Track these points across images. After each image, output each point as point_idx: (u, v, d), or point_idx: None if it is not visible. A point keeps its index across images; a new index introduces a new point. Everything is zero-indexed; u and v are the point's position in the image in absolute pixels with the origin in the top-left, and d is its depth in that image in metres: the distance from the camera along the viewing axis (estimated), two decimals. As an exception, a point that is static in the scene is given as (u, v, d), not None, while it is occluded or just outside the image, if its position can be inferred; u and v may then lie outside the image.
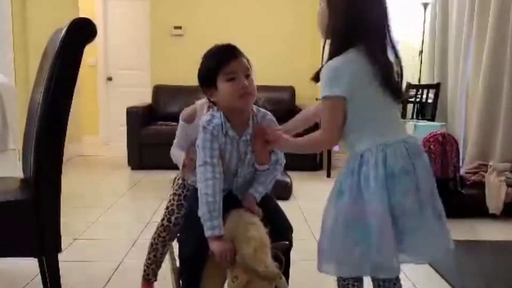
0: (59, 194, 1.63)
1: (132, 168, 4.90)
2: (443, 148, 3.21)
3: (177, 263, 1.78)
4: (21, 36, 4.35)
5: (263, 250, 1.35)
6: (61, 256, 1.57)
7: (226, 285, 1.41)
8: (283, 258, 1.40)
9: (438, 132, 3.33)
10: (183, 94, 5.04)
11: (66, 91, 1.65)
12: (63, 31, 1.65)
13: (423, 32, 4.71)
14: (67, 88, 1.65)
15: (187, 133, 1.68)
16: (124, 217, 3.32)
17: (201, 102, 1.70)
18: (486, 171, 3.35)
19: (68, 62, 1.63)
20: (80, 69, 1.68)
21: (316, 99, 5.05)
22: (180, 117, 1.72)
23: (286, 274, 1.51)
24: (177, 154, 1.73)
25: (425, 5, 4.68)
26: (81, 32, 1.62)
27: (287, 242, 1.46)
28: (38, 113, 1.61)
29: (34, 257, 1.65)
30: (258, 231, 1.38)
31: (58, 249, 1.59)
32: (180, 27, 5.43)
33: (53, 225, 1.58)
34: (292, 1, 5.43)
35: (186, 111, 1.71)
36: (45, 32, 2.19)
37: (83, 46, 1.66)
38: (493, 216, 3.15)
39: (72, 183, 4.06)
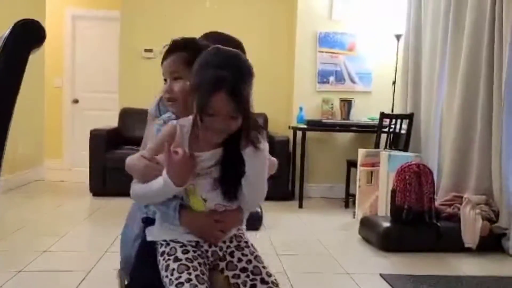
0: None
1: (94, 195, 4.63)
2: (418, 179, 3.12)
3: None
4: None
5: None
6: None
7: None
8: None
9: (413, 162, 3.25)
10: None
11: (7, 101, 1.46)
12: (4, 36, 1.47)
13: (396, 62, 4.71)
14: (8, 99, 1.47)
15: None
16: (79, 246, 3.05)
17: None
18: (461, 203, 3.26)
19: (9, 69, 1.45)
20: (45, 91, 1.51)
21: (289, 127, 4.98)
22: None
23: None
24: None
25: (398, 37, 4.70)
26: (26, 37, 1.44)
27: None
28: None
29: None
30: (220, 277, 1.21)
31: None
32: (151, 50, 5.29)
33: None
34: (266, 30, 5.38)
35: None
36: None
37: (27, 54, 1.48)
38: (469, 250, 3.04)
39: (27, 208, 3.77)
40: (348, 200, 4.59)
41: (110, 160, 4.63)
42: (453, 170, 3.59)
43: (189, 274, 1.11)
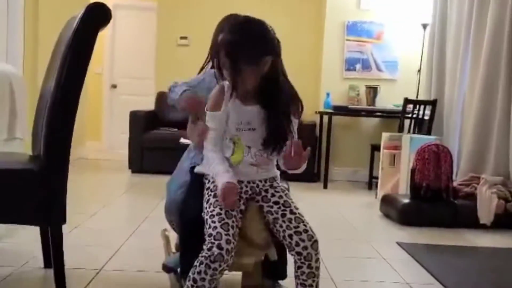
0: (67, 168, 1.71)
1: (133, 171, 4.98)
2: (437, 158, 3.30)
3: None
4: (32, 27, 4.47)
5: (256, 219, 1.45)
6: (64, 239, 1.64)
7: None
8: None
9: (433, 143, 3.43)
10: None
11: (79, 74, 1.75)
12: (78, 16, 1.76)
13: (422, 51, 4.85)
14: (80, 72, 1.75)
15: None
16: (123, 212, 3.39)
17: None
18: (478, 183, 3.43)
19: (82, 45, 1.73)
20: (86, 77, 1.77)
21: (316, 112, 5.20)
22: None
23: (282, 251, 1.58)
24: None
25: (425, 26, 4.84)
26: (95, 16, 1.73)
27: None
28: (51, 93, 1.71)
29: (41, 225, 1.73)
30: (253, 202, 1.46)
31: (63, 219, 1.67)
32: (186, 37, 5.59)
33: (60, 196, 1.66)
34: (296, 18, 5.59)
35: None
36: (55, 24, 2.28)
37: (97, 31, 1.77)
38: (484, 227, 3.22)
39: (73, 181, 4.12)
40: (372, 182, 4.79)
41: (147, 140, 4.97)
42: (472, 153, 3.75)
43: (221, 209, 1.36)
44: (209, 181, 1.46)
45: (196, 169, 1.54)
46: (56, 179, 1.66)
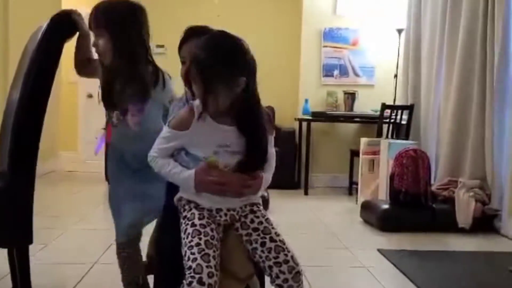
0: (33, 186, 1.64)
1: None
2: (415, 163, 3.31)
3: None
4: (1, 36, 4.36)
5: (238, 250, 1.38)
6: (34, 259, 1.57)
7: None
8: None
9: (411, 148, 3.44)
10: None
11: (45, 85, 1.69)
12: (43, 28, 1.70)
13: (398, 56, 4.89)
14: (46, 83, 1.69)
15: None
16: (98, 226, 3.29)
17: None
18: (456, 187, 3.45)
19: (47, 56, 1.67)
20: (61, 86, 1.71)
21: (295, 118, 5.19)
22: None
23: (261, 275, 1.53)
24: None
25: (400, 31, 4.88)
26: (60, 28, 1.67)
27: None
28: (16, 106, 1.64)
29: (6, 247, 1.64)
30: (233, 234, 1.40)
31: (29, 239, 1.60)
32: (162, 46, 5.52)
33: (26, 215, 1.59)
34: (272, 25, 5.59)
35: None
36: (26, 33, 2.21)
37: (63, 43, 1.71)
38: (463, 230, 3.23)
39: (46, 194, 4.02)
40: (352, 188, 4.78)
41: (124, 151, 4.87)
42: (449, 157, 3.78)
43: (200, 239, 1.29)
44: (185, 209, 1.38)
45: (177, 196, 1.41)
46: (22, 197, 1.59)
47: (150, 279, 1.68)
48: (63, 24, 1.66)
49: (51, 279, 2.10)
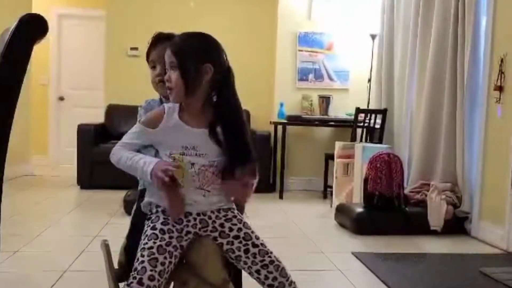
0: (1, 191, 1.58)
1: (82, 187, 4.78)
2: (388, 166, 3.36)
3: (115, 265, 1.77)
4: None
5: (213, 257, 1.37)
6: (1, 267, 1.51)
7: None
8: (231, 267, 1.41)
9: (384, 152, 3.49)
10: (137, 114, 5.01)
11: (12, 92, 1.63)
12: (11, 29, 1.64)
13: (371, 61, 4.96)
14: (13, 90, 1.63)
15: None
16: (70, 231, 3.22)
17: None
18: (428, 190, 3.51)
19: (15, 61, 1.61)
20: (32, 88, 1.67)
21: (270, 122, 5.20)
22: None
23: (238, 281, 1.52)
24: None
25: (373, 36, 4.95)
26: (30, 29, 1.61)
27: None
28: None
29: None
30: (209, 240, 1.38)
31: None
32: (137, 48, 5.45)
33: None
34: (248, 29, 5.59)
35: None
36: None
37: (32, 45, 1.65)
38: (435, 233, 3.29)
39: (17, 200, 3.90)
40: (326, 192, 4.82)
41: (97, 154, 4.78)
42: (422, 161, 3.85)
43: (154, 243, 1.28)
44: (152, 213, 1.37)
45: (146, 201, 1.41)
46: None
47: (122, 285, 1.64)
48: (33, 25, 1.60)
49: (19, 287, 2.03)
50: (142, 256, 1.27)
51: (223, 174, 1.36)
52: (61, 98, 6.60)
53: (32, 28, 1.62)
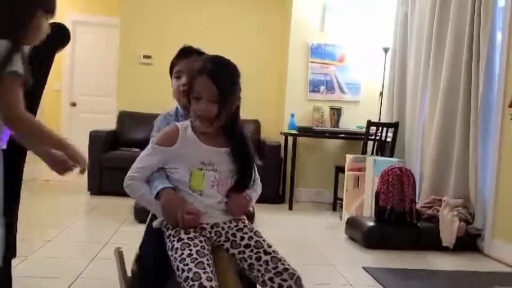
0: (19, 196, 1.59)
1: (92, 193, 4.79)
2: (401, 181, 3.34)
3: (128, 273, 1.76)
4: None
5: (229, 270, 1.36)
6: (15, 272, 1.52)
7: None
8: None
9: (396, 166, 3.47)
10: (148, 121, 5.00)
11: (35, 97, 1.65)
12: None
13: (384, 74, 4.96)
14: (36, 95, 1.65)
15: None
16: (82, 237, 3.23)
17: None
18: (440, 206, 3.48)
19: (39, 67, 1.64)
20: (45, 94, 1.69)
21: (281, 133, 5.20)
22: None
23: None
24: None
25: (386, 50, 4.95)
26: (53, 38, 1.64)
27: None
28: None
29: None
30: (225, 252, 1.39)
31: (13, 252, 1.54)
32: (150, 56, 5.50)
33: (9, 228, 1.54)
34: (260, 36, 5.62)
35: None
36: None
37: (55, 53, 1.69)
38: (446, 249, 3.25)
39: (28, 204, 3.90)
40: (336, 204, 4.80)
41: (107, 161, 4.81)
42: (434, 176, 3.82)
43: (190, 250, 1.29)
44: (168, 228, 1.38)
45: (154, 225, 1.46)
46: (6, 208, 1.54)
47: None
48: (55, 34, 1.63)
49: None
50: (186, 264, 1.25)
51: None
52: (73, 104, 6.65)
53: (55, 37, 1.65)
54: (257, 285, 1.43)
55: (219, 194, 1.40)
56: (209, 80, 1.33)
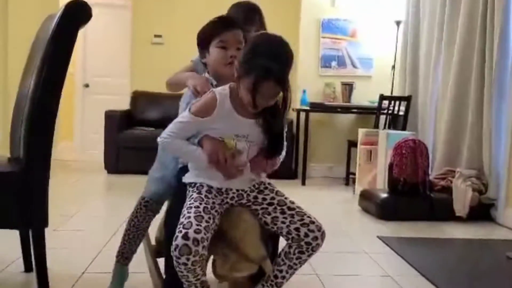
0: (49, 170, 1.67)
1: (109, 172, 4.90)
2: (414, 153, 3.37)
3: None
4: (1, 32, 4.36)
5: (252, 233, 1.42)
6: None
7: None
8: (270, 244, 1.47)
9: (410, 138, 3.50)
10: (161, 101, 5.10)
11: (59, 73, 1.70)
12: (58, 15, 1.71)
13: (396, 47, 4.93)
14: (60, 71, 1.71)
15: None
16: (103, 213, 3.33)
17: (196, 59, 1.79)
18: (453, 177, 3.52)
19: (62, 44, 1.69)
20: None
21: (293, 109, 5.22)
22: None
23: (274, 257, 1.57)
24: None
25: (398, 23, 4.92)
26: (76, 14, 1.69)
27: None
28: (30, 93, 1.66)
29: (23, 229, 1.68)
30: (249, 216, 1.44)
31: (45, 222, 1.62)
32: (160, 36, 5.52)
33: (42, 199, 1.62)
34: (271, 12, 5.57)
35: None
36: (26, 28, 2.22)
37: (77, 29, 1.73)
38: (460, 219, 3.30)
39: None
40: (349, 179, 4.84)
41: (123, 140, 4.89)
42: (447, 147, 3.85)
43: (200, 204, 1.33)
44: (194, 189, 1.41)
45: (184, 179, 1.48)
46: (38, 181, 1.62)
47: (161, 262, 1.71)
48: (78, 11, 1.68)
49: (63, 262, 2.14)
50: (189, 212, 1.30)
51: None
52: (86, 85, 6.72)
53: (78, 13, 1.70)
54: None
55: (248, 145, 1.41)
56: (276, 85, 1.31)
